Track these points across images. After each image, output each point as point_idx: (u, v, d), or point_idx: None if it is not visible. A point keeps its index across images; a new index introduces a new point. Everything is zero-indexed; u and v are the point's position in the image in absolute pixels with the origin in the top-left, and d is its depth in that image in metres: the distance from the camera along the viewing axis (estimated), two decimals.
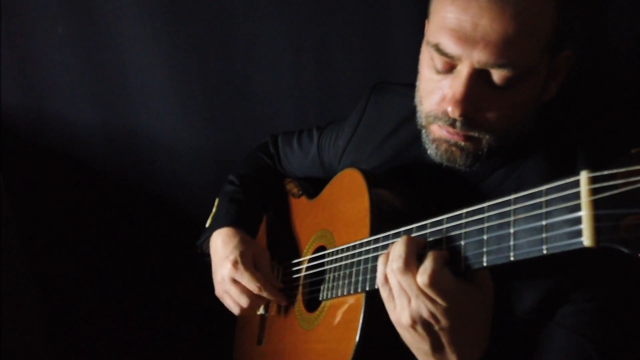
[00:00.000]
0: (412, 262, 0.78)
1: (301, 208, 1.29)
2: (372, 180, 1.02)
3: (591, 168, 0.60)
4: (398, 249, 0.80)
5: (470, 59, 0.83)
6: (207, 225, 1.31)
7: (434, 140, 0.94)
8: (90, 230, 1.80)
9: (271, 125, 1.61)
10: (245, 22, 1.52)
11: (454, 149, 0.91)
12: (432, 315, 0.77)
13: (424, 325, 0.78)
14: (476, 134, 0.89)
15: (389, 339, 0.88)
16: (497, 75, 0.84)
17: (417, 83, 0.97)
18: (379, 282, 0.83)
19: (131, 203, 1.77)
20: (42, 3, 1.55)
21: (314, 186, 1.31)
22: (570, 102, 1.32)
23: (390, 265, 0.80)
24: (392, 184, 1.05)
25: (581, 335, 0.85)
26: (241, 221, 1.25)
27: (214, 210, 1.33)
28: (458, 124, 0.88)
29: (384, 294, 0.83)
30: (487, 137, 0.89)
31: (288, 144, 1.40)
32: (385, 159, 1.13)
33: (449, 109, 0.86)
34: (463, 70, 0.85)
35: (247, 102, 1.62)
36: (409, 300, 0.78)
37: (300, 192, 1.31)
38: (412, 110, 1.04)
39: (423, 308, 0.77)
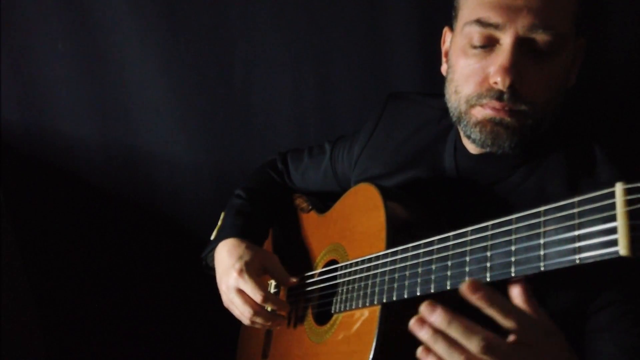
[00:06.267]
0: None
1: (311, 222, 1.29)
2: (387, 194, 1.03)
3: (612, 169, 0.63)
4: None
5: (514, 27, 0.87)
6: (212, 237, 1.31)
7: (476, 124, 0.93)
8: (90, 245, 1.78)
9: (271, 141, 1.62)
10: (244, 37, 1.53)
11: (499, 128, 0.92)
12: None
13: None
14: (522, 107, 0.90)
15: (403, 352, 0.88)
16: (540, 40, 0.88)
17: (449, 78, 0.99)
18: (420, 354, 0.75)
19: (131, 218, 1.76)
20: (42, 19, 1.55)
21: (322, 202, 1.32)
22: (587, 100, 1.31)
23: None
24: (407, 197, 1.06)
25: (632, 334, 0.86)
26: (247, 233, 1.25)
27: (219, 223, 1.33)
28: (505, 96, 0.89)
29: None
30: (531, 111, 0.90)
31: (298, 158, 1.41)
32: (400, 164, 1.15)
33: (498, 79, 0.88)
34: (507, 40, 0.88)
35: (247, 117, 1.63)
36: None
37: (310, 207, 1.31)
38: (428, 118, 1.07)
39: None
